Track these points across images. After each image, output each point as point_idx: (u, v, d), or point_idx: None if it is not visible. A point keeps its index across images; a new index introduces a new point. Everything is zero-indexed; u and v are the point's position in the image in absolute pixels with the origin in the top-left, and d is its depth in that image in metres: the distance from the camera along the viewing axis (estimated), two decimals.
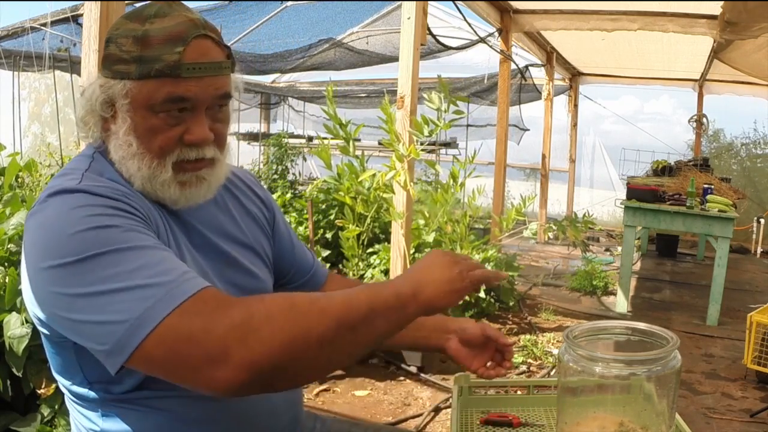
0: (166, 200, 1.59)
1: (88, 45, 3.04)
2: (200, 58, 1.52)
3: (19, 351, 3.09)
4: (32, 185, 7.01)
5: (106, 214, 1.39)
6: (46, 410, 3.29)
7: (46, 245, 1.37)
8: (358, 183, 5.60)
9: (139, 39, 1.50)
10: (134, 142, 1.53)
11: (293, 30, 9.35)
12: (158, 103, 1.50)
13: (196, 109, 1.55)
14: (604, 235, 13.81)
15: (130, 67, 1.50)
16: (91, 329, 1.32)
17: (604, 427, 1.60)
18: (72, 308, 1.34)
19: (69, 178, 1.49)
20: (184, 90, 1.50)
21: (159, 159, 1.55)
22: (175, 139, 1.55)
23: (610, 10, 8.58)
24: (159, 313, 1.27)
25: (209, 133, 1.57)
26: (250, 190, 1.92)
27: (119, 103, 1.53)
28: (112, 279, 1.30)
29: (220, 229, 1.73)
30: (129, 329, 1.27)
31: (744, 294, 8.73)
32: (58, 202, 1.42)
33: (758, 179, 13.96)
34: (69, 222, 1.37)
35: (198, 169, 1.59)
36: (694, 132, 14.16)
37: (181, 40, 1.49)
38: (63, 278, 1.34)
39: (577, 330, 1.71)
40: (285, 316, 1.30)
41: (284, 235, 1.98)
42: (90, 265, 1.32)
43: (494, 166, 9.72)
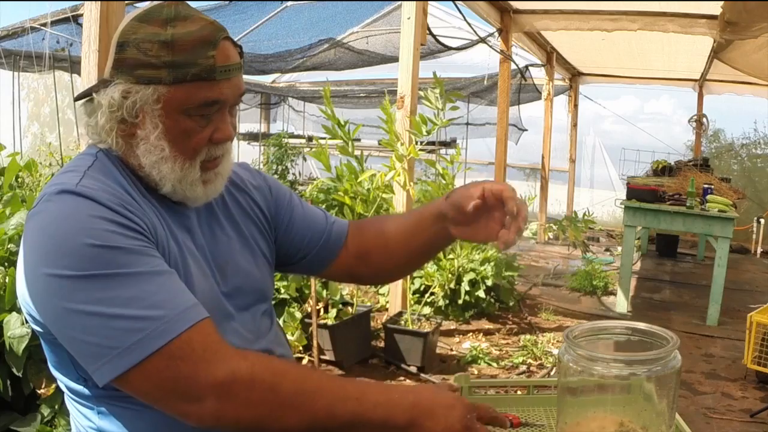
0: (190, 199, 1.62)
1: (88, 45, 3.04)
2: (228, 60, 1.54)
3: (19, 351, 3.09)
4: (32, 185, 7.01)
5: (108, 229, 1.40)
6: (46, 410, 3.29)
7: (47, 251, 1.38)
8: (358, 183, 5.60)
9: (168, 44, 1.49)
10: (166, 146, 1.55)
11: (293, 30, 9.34)
12: (194, 106, 1.52)
13: (222, 109, 1.58)
14: (604, 235, 13.81)
15: (160, 72, 1.50)
16: (79, 345, 1.37)
17: (604, 427, 1.60)
18: (64, 321, 1.37)
19: (71, 176, 1.49)
20: (218, 93, 1.53)
21: (190, 160, 1.57)
22: (207, 139, 1.57)
23: (610, 10, 8.59)
24: (147, 349, 1.32)
25: (232, 130, 1.62)
26: (248, 185, 1.91)
27: (148, 108, 1.52)
28: (107, 303, 1.34)
29: (219, 230, 1.74)
30: (117, 357, 1.33)
31: (744, 294, 8.73)
32: (60, 204, 1.43)
33: (758, 179, 13.97)
34: (70, 230, 1.38)
35: (217, 166, 1.63)
36: (694, 132, 14.17)
37: (211, 44, 1.51)
38: (59, 289, 1.36)
39: (577, 330, 1.71)
40: (264, 395, 1.37)
41: (289, 209, 1.97)
42: (87, 283, 1.35)
43: (494, 167, 9.72)
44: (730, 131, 14.58)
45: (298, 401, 1.37)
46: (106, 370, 1.34)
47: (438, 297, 6.42)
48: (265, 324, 1.81)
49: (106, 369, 1.34)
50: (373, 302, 7.05)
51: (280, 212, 1.94)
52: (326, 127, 5.36)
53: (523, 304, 7.59)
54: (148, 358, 1.32)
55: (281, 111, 17.69)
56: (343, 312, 5.49)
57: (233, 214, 1.81)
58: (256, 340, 1.72)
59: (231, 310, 1.68)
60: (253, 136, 14.92)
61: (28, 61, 7.98)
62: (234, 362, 1.37)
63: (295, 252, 1.97)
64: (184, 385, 1.34)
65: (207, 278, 1.63)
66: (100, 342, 1.33)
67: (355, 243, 2.04)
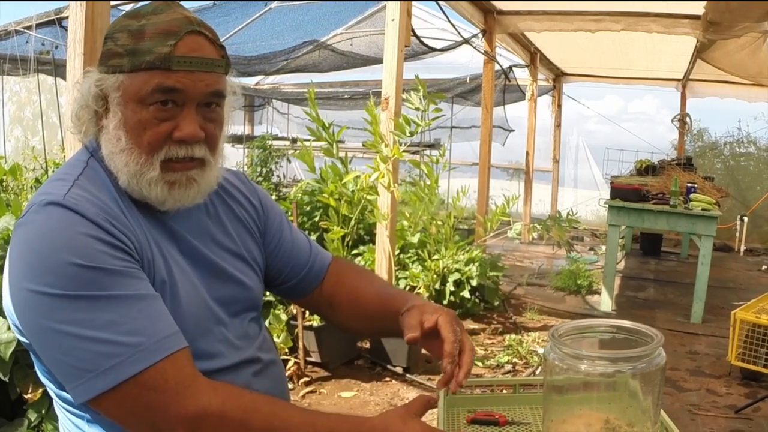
0: (152, 200, 1.57)
1: (73, 47, 3.03)
2: (192, 52, 1.51)
3: (6, 356, 3.09)
4: (17, 189, 6.99)
5: (92, 248, 1.39)
6: (33, 415, 3.28)
7: (30, 265, 1.38)
8: (342, 185, 5.60)
9: (133, 33, 1.50)
10: (123, 136, 1.52)
11: (277, 32, 9.33)
12: (148, 94, 1.49)
13: (186, 105, 1.53)
14: (588, 235, 13.84)
15: (123, 61, 1.50)
16: (56, 363, 1.39)
17: (589, 424, 1.61)
18: (43, 337, 1.38)
19: (59, 185, 1.49)
20: (174, 81, 1.49)
21: (147, 155, 1.53)
22: (164, 135, 1.53)
23: (594, 11, 8.61)
24: (120, 375, 1.33)
25: (199, 130, 1.55)
26: (241, 194, 1.88)
27: (111, 97, 1.53)
28: (85, 325, 1.34)
29: (209, 238, 1.72)
30: (90, 380, 1.34)
31: (728, 291, 8.78)
32: (46, 217, 1.42)
33: (741, 178, 14.02)
34: (54, 247, 1.38)
35: (187, 169, 1.57)
36: (677, 131, 14.21)
37: (174, 34, 1.49)
38: (39, 306, 1.36)
39: (562, 329, 1.72)
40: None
41: (278, 233, 1.95)
42: (67, 303, 1.34)
43: (478, 167, 9.73)
44: (713, 130, 14.63)
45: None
46: (80, 391, 1.35)
47: (423, 298, 6.42)
48: (253, 330, 1.80)
49: (80, 390, 1.35)
50: None
51: (269, 231, 1.93)
52: (311, 129, 5.35)
53: (508, 304, 7.60)
54: (120, 385, 1.33)
55: (265, 113, 17.63)
56: None
57: (225, 223, 1.79)
58: (244, 346, 1.72)
59: (221, 317, 1.67)
60: (237, 139, 14.86)
61: (12, 64, 7.95)
62: (206, 398, 1.37)
63: (276, 275, 1.96)
64: (154, 416, 1.36)
65: (195, 287, 1.62)
66: (76, 363, 1.34)
67: (329, 289, 2.02)
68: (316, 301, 2.03)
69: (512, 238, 12.28)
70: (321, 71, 10.52)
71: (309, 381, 5.12)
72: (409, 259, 7.02)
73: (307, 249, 2.02)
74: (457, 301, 6.73)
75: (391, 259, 5.76)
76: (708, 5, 6.78)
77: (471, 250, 6.90)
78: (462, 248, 6.66)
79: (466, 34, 8.75)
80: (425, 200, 5.84)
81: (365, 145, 5.94)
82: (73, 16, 3.05)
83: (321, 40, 8.93)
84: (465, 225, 9.94)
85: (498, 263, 7.35)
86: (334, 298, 2.01)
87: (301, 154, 5.51)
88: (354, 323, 2.02)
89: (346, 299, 2.00)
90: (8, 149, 11.65)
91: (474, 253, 6.94)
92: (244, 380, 1.66)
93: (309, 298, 2.03)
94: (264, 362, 1.75)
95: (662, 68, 12.46)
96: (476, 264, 6.88)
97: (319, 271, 2.01)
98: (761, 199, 12.40)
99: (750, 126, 14.13)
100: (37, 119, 9.14)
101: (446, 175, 12.92)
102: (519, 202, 11.59)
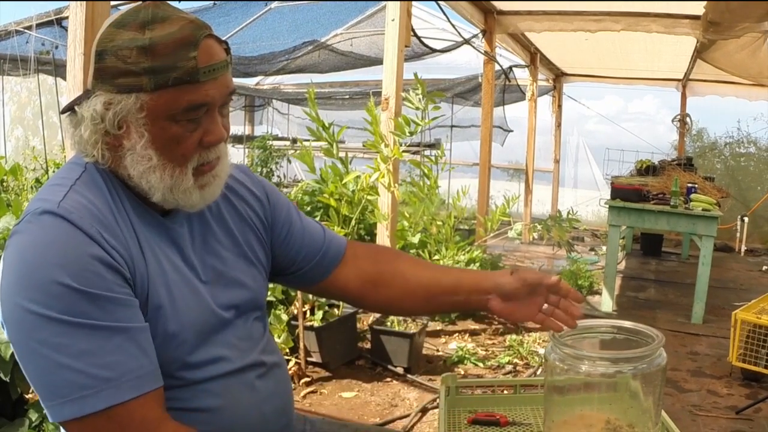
0: (186, 206, 1.58)
1: (73, 48, 3.03)
2: (211, 59, 1.50)
3: (6, 356, 3.08)
4: (17, 189, 6.99)
5: (82, 267, 1.38)
6: (34, 415, 3.28)
7: (19, 277, 1.38)
8: (343, 185, 5.60)
9: (146, 49, 1.44)
10: (154, 155, 1.50)
11: (277, 32, 9.33)
12: (180, 112, 1.48)
13: (211, 111, 1.53)
14: (589, 235, 13.83)
15: (141, 80, 1.45)
16: (31, 379, 1.39)
17: (590, 425, 1.61)
18: (22, 353, 1.39)
19: (55, 191, 1.48)
20: (203, 96, 1.49)
21: (180, 167, 1.53)
22: (196, 144, 1.53)
23: (594, 11, 8.61)
24: (87, 408, 1.34)
25: (224, 132, 1.58)
26: (246, 189, 1.87)
27: (132, 118, 1.48)
28: (61, 350, 1.34)
29: (212, 240, 1.72)
30: (59, 405, 1.34)
31: (728, 292, 8.77)
32: (40, 227, 1.42)
33: (742, 178, 14.02)
34: (44, 263, 1.37)
35: (213, 168, 1.59)
36: (677, 131, 14.21)
37: (192, 45, 1.46)
38: (22, 321, 1.36)
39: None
40: None
41: (287, 223, 1.94)
42: (47, 325, 1.34)
43: (478, 167, 9.73)
44: (713, 130, 14.64)
45: None
46: (51, 412, 1.36)
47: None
48: (257, 330, 1.79)
49: (50, 411, 1.36)
50: None
51: (277, 223, 1.91)
52: (311, 129, 5.35)
53: None
54: (87, 416, 1.33)
55: (265, 113, 17.63)
56: (329, 314, 5.49)
57: (227, 221, 1.78)
58: (248, 349, 1.72)
59: (224, 320, 1.67)
60: (238, 139, 14.86)
61: (13, 64, 7.95)
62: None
63: (288, 265, 1.95)
64: None
65: (196, 293, 1.61)
66: (48, 385, 1.35)
67: (364, 268, 2.02)
68: (334, 285, 2.02)
69: (513, 238, 12.27)
70: (321, 71, 10.52)
71: (310, 381, 5.12)
72: None
73: (321, 235, 2.01)
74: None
75: None
76: (708, 5, 6.78)
77: (471, 250, 6.90)
78: (462, 248, 6.66)
79: (466, 34, 8.75)
80: (425, 200, 5.84)
81: (365, 145, 5.93)
82: (73, 16, 3.06)
83: (321, 40, 8.93)
84: (465, 225, 9.94)
85: (499, 263, 7.36)
86: (376, 276, 2.01)
87: (301, 154, 5.50)
88: (413, 304, 2.03)
89: (392, 278, 2.01)
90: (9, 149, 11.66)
91: (474, 253, 6.94)
92: (248, 383, 1.67)
93: (330, 280, 2.01)
94: (268, 365, 1.75)
95: (662, 68, 12.46)
96: (477, 264, 6.88)
97: (336, 252, 2.00)
98: (762, 199, 12.41)
99: (750, 126, 14.15)
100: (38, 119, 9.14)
101: (446, 175, 12.92)
102: (519, 202, 11.61)
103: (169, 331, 1.52)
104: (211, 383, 1.59)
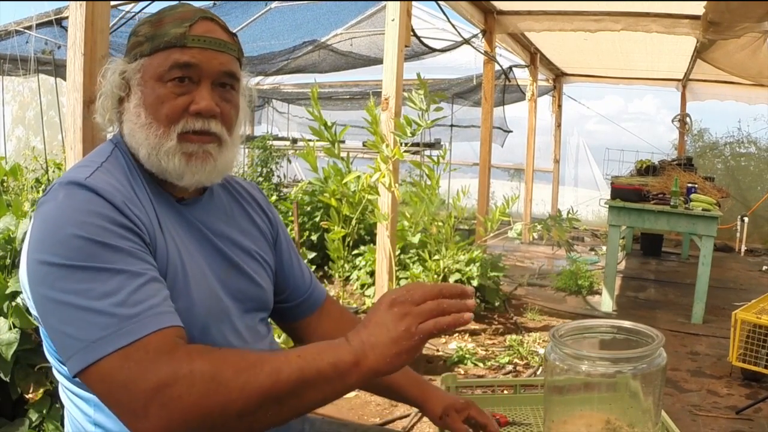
0: (170, 173, 1.62)
1: (73, 48, 3.03)
2: (205, 33, 1.63)
3: (7, 356, 3.08)
4: (17, 189, 6.98)
5: (101, 226, 1.42)
6: (34, 415, 3.27)
7: (42, 239, 1.42)
8: (343, 185, 5.60)
9: (153, 22, 1.64)
10: (143, 113, 1.61)
11: (277, 32, 9.33)
12: (165, 71, 1.60)
13: (201, 81, 1.62)
14: (589, 235, 13.84)
15: (143, 47, 1.63)
16: (54, 333, 1.40)
17: (590, 425, 1.61)
18: (45, 308, 1.40)
19: (83, 170, 1.54)
20: (189, 57, 1.60)
21: (165, 128, 1.60)
22: (182, 108, 1.61)
23: (594, 11, 8.61)
24: (108, 347, 1.32)
25: (215, 105, 1.63)
26: (257, 204, 1.95)
27: (133, 80, 1.63)
28: (83, 294, 1.35)
29: (224, 234, 1.76)
30: (82, 351, 1.33)
31: (728, 292, 8.77)
32: (64, 194, 1.46)
33: (742, 178, 14.01)
34: (66, 221, 1.41)
35: (204, 142, 1.64)
36: (677, 131, 14.21)
37: (188, 19, 1.63)
38: (44, 276, 1.39)
39: (563, 329, 1.72)
40: (206, 386, 1.30)
41: (285, 255, 1.99)
42: (68, 273, 1.36)
43: (479, 167, 9.73)
44: (713, 130, 14.62)
45: (241, 380, 1.32)
46: (73, 362, 1.35)
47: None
48: (262, 330, 1.82)
49: (73, 361, 1.35)
50: (359, 304, 7.05)
51: (277, 249, 1.97)
52: (313, 128, 5.35)
53: (509, 305, 7.60)
54: (105, 358, 1.31)
55: (265, 113, 17.65)
56: None
57: (241, 224, 1.84)
58: (254, 341, 1.74)
59: (232, 310, 1.69)
60: None
61: (13, 64, 7.95)
62: (176, 363, 1.32)
63: (277, 293, 1.97)
64: (131, 391, 1.30)
65: (207, 278, 1.65)
66: (72, 333, 1.34)
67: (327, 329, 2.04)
68: (300, 329, 2.06)
69: (513, 238, 12.23)
70: (321, 71, 10.52)
71: None
72: (410, 259, 7.02)
73: (308, 278, 2.07)
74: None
75: (392, 259, 5.76)
76: (708, 5, 6.78)
77: (472, 250, 6.90)
78: (463, 248, 6.65)
79: (466, 34, 8.75)
80: (426, 200, 5.83)
81: (366, 144, 5.93)
82: (73, 17, 3.05)
83: (321, 40, 8.94)
84: (465, 225, 9.93)
85: (499, 263, 7.35)
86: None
87: (305, 152, 5.50)
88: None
89: None
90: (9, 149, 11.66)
91: (475, 253, 6.93)
92: None
93: (294, 325, 2.06)
94: None
95: (662, 68, 12.47)
96: (477, 264, 6.87)
97: (315, 302, 2.06)
98: (762, 199, 12.42)
99: (750, 126, 14.13)
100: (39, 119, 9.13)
101: (447, 175, 12.93)
102: (519, 202, 11.61)
103: (179, 304, 1.52)
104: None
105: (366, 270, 7.36)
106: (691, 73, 12.58)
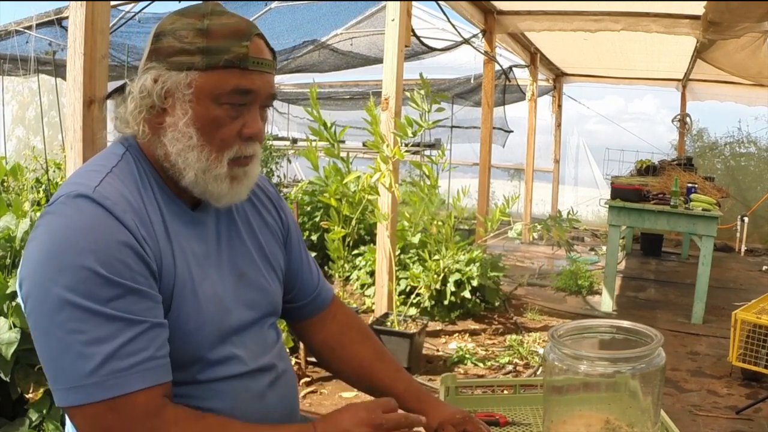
0: (213, 195, 1.61)
1: (73, 48, 3.03)
2: (261, 54, 1.58)
3: (7, 356, 3.09)
4: (17, 189, 6.98)
5: (112, 255, 1.41)
6: (34, 415, 3.28)
7: (49, 258, 1.39)
8: (343, 185, 5.60)
9: (203, 31, 1.53)
10: (194, 134, 1.55)
11: (277, 32, 9.31)
12: (225, 93, 1.54)
13: (252, 105, 1.59)
14: (589, 235, 13.83)
15: (194, 58, 1.53)
16: (43, 360, 1.40)
17: (590, 424, 1.62)
18: (39, 332, 1.40)
19: (92, 176, 1.51)
20: (250, 82, 1.55)
21: (217, 153, 1.57)
22: (235, 133, 1.58)
23: (594, 11, 8.60)
24: (95, 395, 1.34)
25: (262, 128, 1.63)
26: (270, 202, 1.93)
27: (179, 94, 1.54)
28: (76, 335, 1.35)
29: (238, 240, 1.75)
30: (65, 390, 1.36)
31: (728, 292, 8.77)
32: (74, 210, 1.44)
33: (742, 178, 14.00)
34: (72, 247, 1.39)
35: (247, 164, 1.63)
36: (677, 131, 14.21)
37: (245, 36, 1.55)
38: (44, 302, 1.38)
39: (562, 329, 1.72)
40: None
41: (295, 254, 1.98)
42: (65, 306, 1.36)
43: (479, 167, 9.73)
44: (713, 130, 14.61)
45: None
46: (57, 396, 1.37)
47: (424, 298, 6.42)
48: (271, 337, 1.81)
49: (57, 395, 1.37)
50: (359, 304, 7.06)
51: (288, 246, 1.96)
52: (313, 128, 5.35)
53: (509, 305, 7.60)
54: (92, 405, 1.34)
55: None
56: None
57: (253, 224, 1.82)
58: (262, 353, 1.73)
59: (242, 321, 1.69)
60: None
61: (13, 64, 7.95)
62: (163, 428, 1.39)
63: (286, 291, 1.97)
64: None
65: (218, 290, 1.64)
66: (58, 368, 1.36)
67: (332, 332, 2.05)
68: (305, 329, 2.07)
69: (513, 238, 12.26)
70: (321, 71, 10.52)
71: (310, 381, 5.12)
72: (410, 259, 7.03)
73: (316, 278, 2.05)
74: (457, 301, 6.73)
75: (392, 259, 5.76)
76: (708, 5, 6.78)
77: (472, 250, 6.90)
78: (463, 248, 6.65)
79: (466, 34, 8.74)
80: (426, 200, 5.83)
81: (366, 144, 5.93)
82: (73, 17, 3.05)
83: (321, 40, 8.93)
84: (465, 225, 9.94)
85: (499, 263, 7.35)
86: (334, 351, 2.04)
87: (306, 151, 5.50)
88: (348, 379, 2.05)
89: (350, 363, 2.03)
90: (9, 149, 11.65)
91: (475, 253, 6.93)
92: (260, 388, 1.68)
93: (299, 325, 2.07)
94: (279, 371, 1.76)
95: (662, 68, 12.46)
96: (477, 264, 6.88)
97: (320, 305, 2.06)
98: (762, 199, 12.41)
99: (750, 126, 14.12)
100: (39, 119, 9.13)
101: (447, 175, 12.91)
102: (519, 202, 11.61)
103: (190, 325, 1.54)
104: (223, 384, 1.60)
105: (366, 270, 7.36)
106: (691, 73, 12.58)
